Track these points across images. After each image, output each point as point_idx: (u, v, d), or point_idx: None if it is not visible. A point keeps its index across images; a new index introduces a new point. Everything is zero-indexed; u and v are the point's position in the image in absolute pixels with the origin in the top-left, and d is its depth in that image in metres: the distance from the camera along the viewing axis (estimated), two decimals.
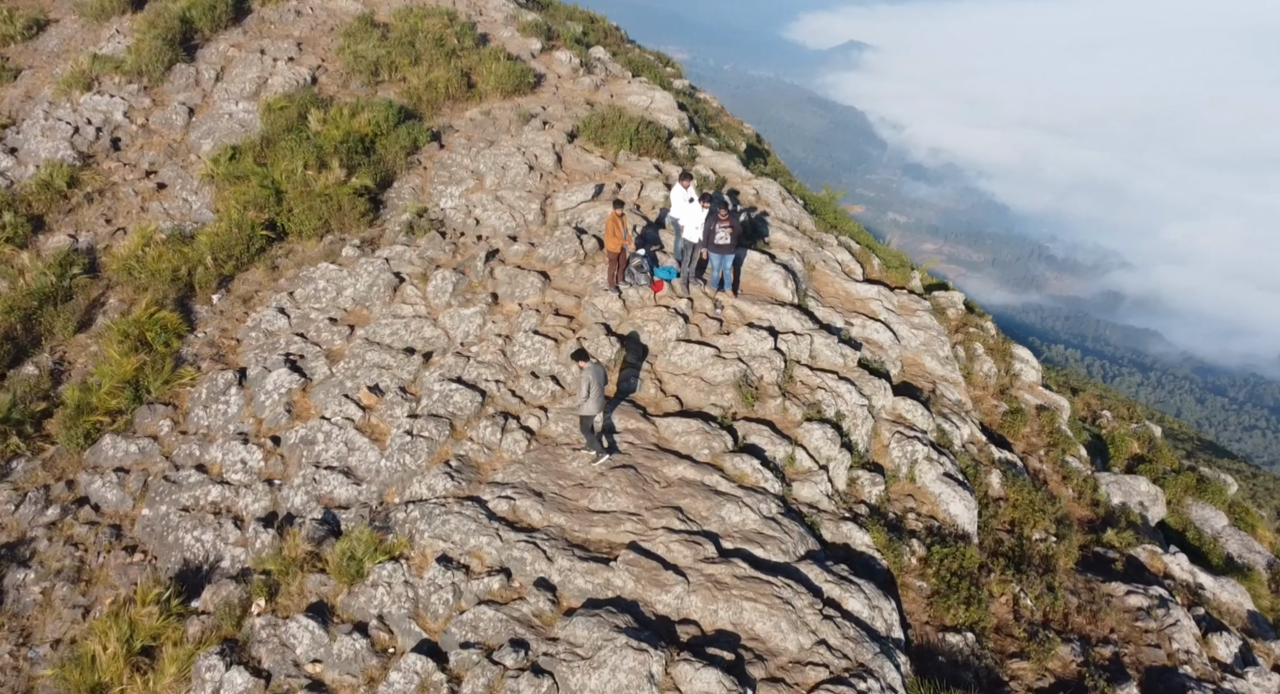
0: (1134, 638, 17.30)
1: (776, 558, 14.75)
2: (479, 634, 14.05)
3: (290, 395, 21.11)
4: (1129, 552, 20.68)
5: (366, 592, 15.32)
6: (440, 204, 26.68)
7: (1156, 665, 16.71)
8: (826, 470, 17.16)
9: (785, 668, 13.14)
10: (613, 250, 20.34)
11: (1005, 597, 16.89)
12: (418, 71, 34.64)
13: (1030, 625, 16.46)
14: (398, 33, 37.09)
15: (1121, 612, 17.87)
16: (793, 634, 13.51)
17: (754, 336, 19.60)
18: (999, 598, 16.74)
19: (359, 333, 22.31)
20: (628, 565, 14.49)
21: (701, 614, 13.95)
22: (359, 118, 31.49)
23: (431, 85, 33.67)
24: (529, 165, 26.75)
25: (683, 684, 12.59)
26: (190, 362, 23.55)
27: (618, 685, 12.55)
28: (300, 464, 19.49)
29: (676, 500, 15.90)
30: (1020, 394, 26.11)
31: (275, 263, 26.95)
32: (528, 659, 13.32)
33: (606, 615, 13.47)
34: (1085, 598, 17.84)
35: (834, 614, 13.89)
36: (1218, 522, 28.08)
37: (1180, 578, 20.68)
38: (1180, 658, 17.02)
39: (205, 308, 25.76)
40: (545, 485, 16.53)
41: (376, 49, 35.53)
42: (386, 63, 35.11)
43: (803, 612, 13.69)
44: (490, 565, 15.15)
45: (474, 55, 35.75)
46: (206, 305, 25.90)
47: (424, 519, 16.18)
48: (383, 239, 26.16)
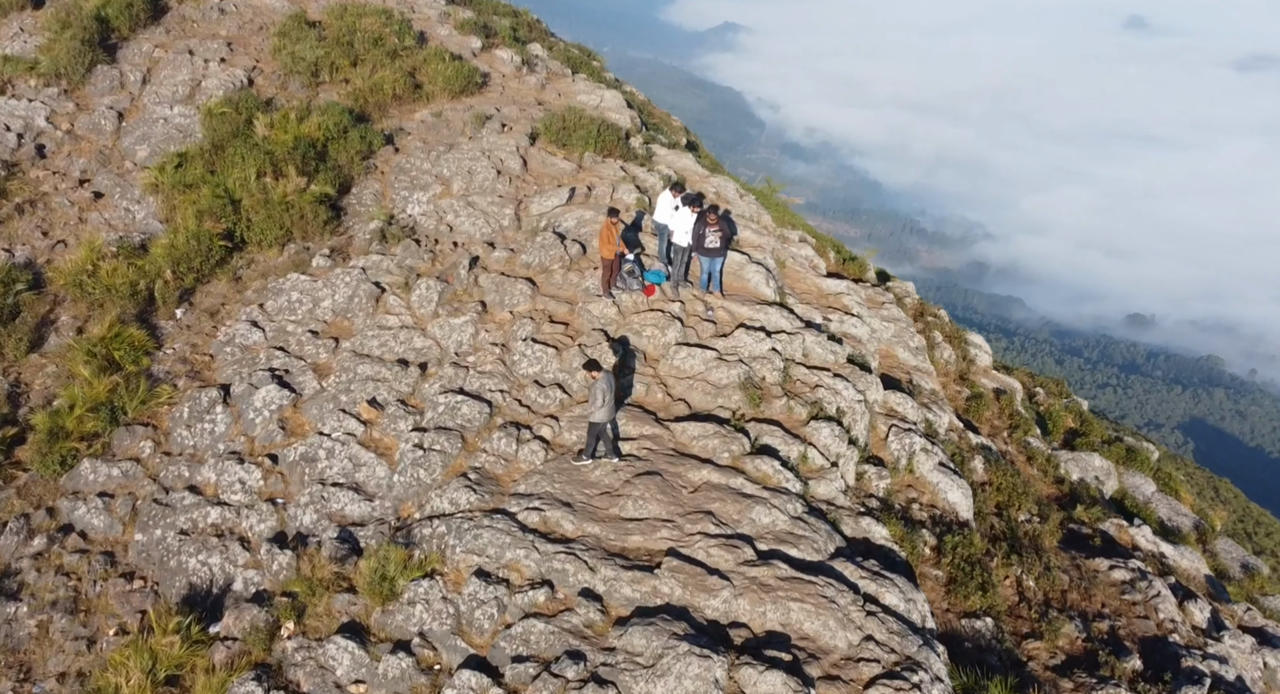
0: (1124, 611, 18.51)
1: (810, 557, 15.34)
2: (531, 647, 14.22)
3: (281, 412, 20.84)
4: (1099, 526, 22.00)
5: (404, 609, 15.37)
6: (407, 210, 26.49)
7: (1149, 636, 17.93)
8: (837, 467, 17.85)
9: (839, 665, 13.72)
10: (607, 257, 20.64)
11: (1009, 579, 17.88)
12: (361, 72, 34.13)
13: (1036, 606, 17.50)
14: (334, 32, 36.41)
15: (1109, 586, 19.07)
16: (841, 631, 14.07)
17: (752, 338, 20.15)
18: (1004, 581, 17.74)
19: (344, 346, 22.11)
20: (672, 572, 14.82)
21: (750, 617, 14.34)
22: (308, 122, 30.92)
23: (377, 87, 33.22)
24: (496, 169, 26.74)
25: (747, 688, 12.99)
26: (164, 380, 22.97)
27: (685, 692, 12.86)
28: (303, 482, 19.30)
29: (706, 505, 16.31)
30: (978, 378, 27.35)
31: (238, 274, 26.40)
32: (587, 670, 13.52)
33: (662, 623, 13.79)
34: (1075, 575, 18.98)
35: (875, 609, 14.53)
36: (1147, 488, 29.87)
37: (1146, 549, 22.09)
38: (1168, 627, 18.29)
39: (170, 323, 25.11)
40: (572, 495, 16.78)
41: (315, 49, 34.85)
42: (326, 63, 34.48)
43: (847, 609, 14.30)
44: (530, 578, 15.30)
45: (416, 55, 35.37)
46: (170, 320, 25.25)
47: (453, 534, 16.27)
48: (351, 247, 25.86)
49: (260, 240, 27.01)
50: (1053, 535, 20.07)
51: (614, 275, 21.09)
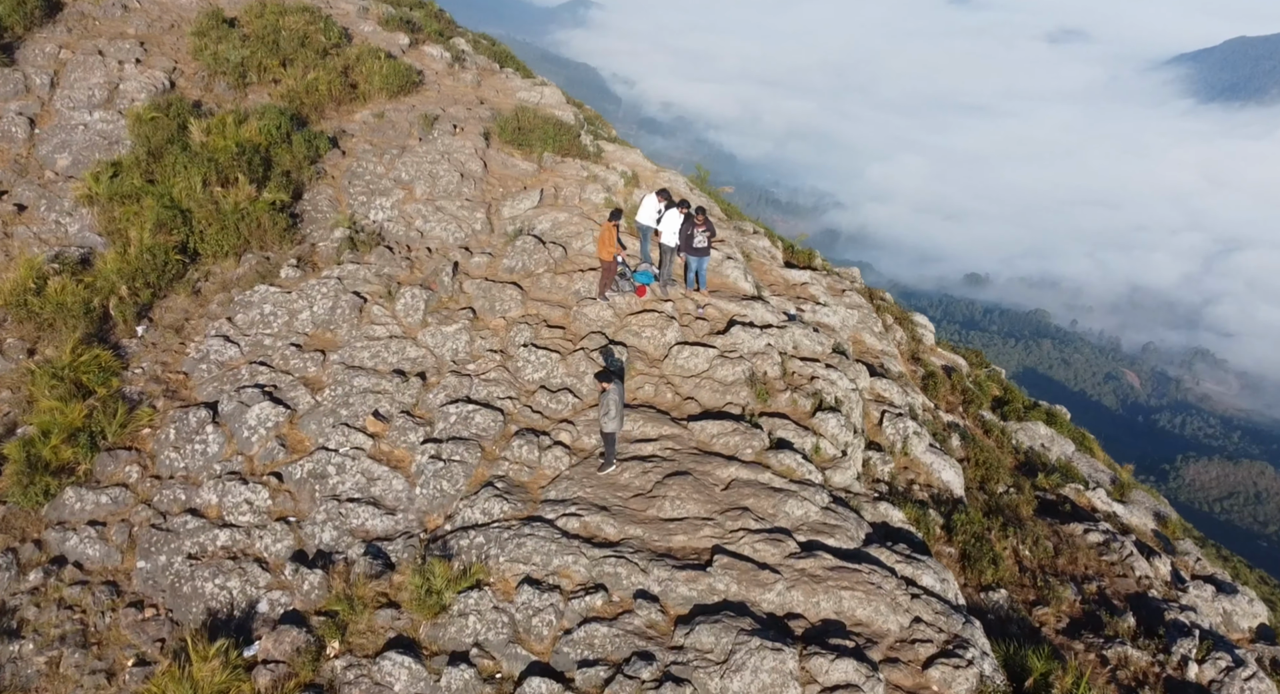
0: (1105, 571, 20.09)
1: (846, 545, 16.18)
2: (596, 651, 14.55)
3: (278, 429, 20.61)
4: (1060, 492, 23.69)
5: (455, 621, 15.60)
6: (371, 216, 26.25)
7: (1131, 593, 19.52)
8: (847, 455, 18.83)
9: (896, 647, 14.58)
10: (605, 259, 21.09)
11: (1008, 551, 19.22)
12: (292, 73, 33.37)
13: (1032, 574, 18.89)
14: (256, 31, 35.47)
15: (1087, 549, 20.64)
16: (892, 616, 14.89)
17: (749, 334, 20.89)
18: (1004, 553, 19.06)
19: (333, 358, 21.94)
20: (724, 569, 15.37)
21: (804, 607, 14.97)
22: (248, 126, 30.15)
23: (312, 88, 32.56)
24: (459, 173, 26.74)
25: (819, 676, 13.66)
26: (139, 401, 22.37)
27: (761, 685, 13.44)
28: (315, 499, 19.20)
29: (741, 501, 16.92)
30: (928, 357, 28.84)
31: (197, 287, 25.73)
32: (660, 670, 13.92)
33: (728, 619, 14.34)
34: (1057, 541, 20.49)
35: (917, 592, 15.44)
36: (1068, 447, 32.06)
37: (1103, 509, 23.88)
38: (1145, 583, 19.94)
39: (134, 341, 24.35)
40: (606, 499, 17.22)
41: (240, 49, 33.93)
42: (254, 64, 33.59)
43: (893, 593, 15.16)
44: (582, 583, 15.62)
45: (346, 54, 34.76)
46: (132, 339, 24.48)
47: (494, 544, 16.54)
48: (317, 256, 25.51)
49: (215, 251, 26.36)
50: (1029, 505, 21.58)
51: (611, 278, 21.55)
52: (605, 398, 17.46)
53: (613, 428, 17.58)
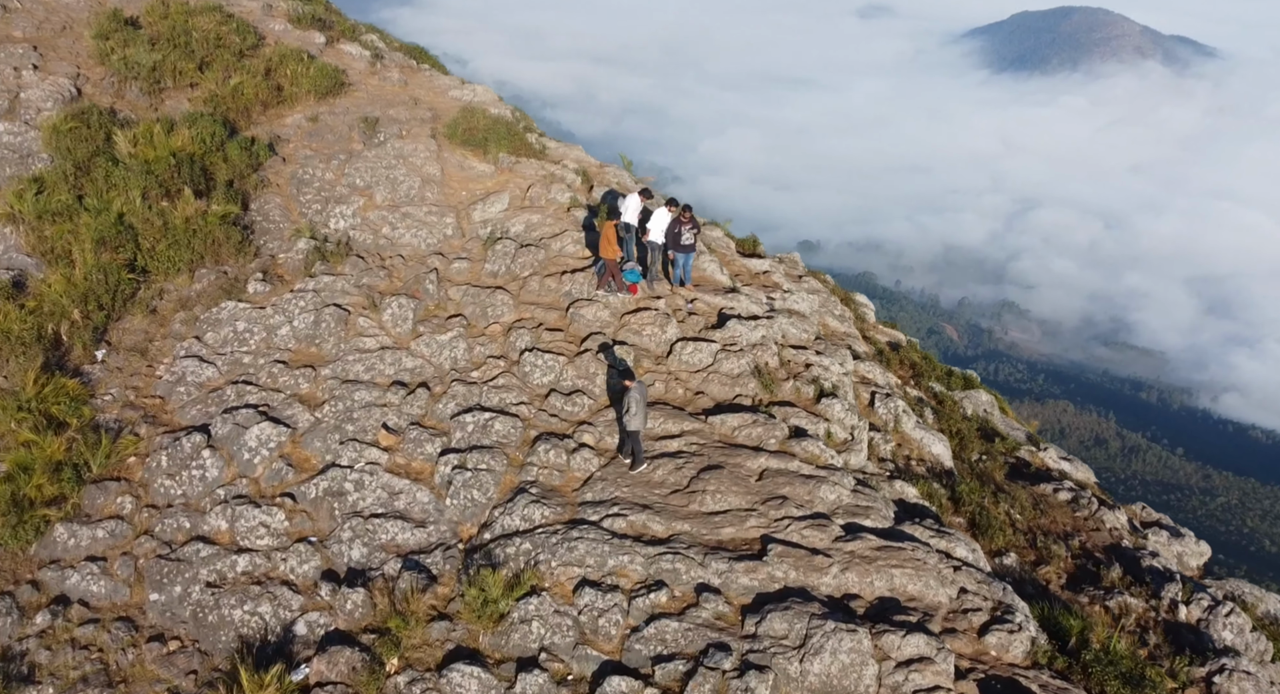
0: (1081, 526, 21.79)
1: (880, 524, 17.11)
2: (669, 646, 14.93)
3: (281, 448, 20.28)
4: (1017, 454, 25.46)
5: (518, 628, 15.84)
6: (331, 225, 25.78)
7: (1108, 545, 21.28)
8: (854, 438, 19.87)
9: (950, 618, 15.47)
10: (608, 257, 21.50)
11: (1002, 516, 20.66)
12: (211, 77, 32.22)
13: (1028, 535, 20.40)
14: (163, 32, 34.07)
15: (1060, 507, 22.34)
16: (941, 588, 15.75)
17: (745, 327, 21.58)
18: (1001, 518, 20.50)
19: (324, 373, 21.63)
20: (780, 557, 15.94)
21: (860, 587, 15.70)
22: (178, 135, 29.03)
23: (237, 92, 31.56)
24: (420, 177, 26.52)
25: (893, 652, 14.39)
26: (118, 429, 21.59)
27: (841, 666, 14.11)
28: (335, 517, 19.02)
29: (778, 490, 17.54)
30: (874, 335, 30.27)
31: (152, 307, 24.82)
32: (739, 659, 14.45)
33: (798, 605, 14.94)
34: (1035, 502, 22.12)
35: (956, 563, 16.53)
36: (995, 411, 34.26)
37: (1055, 468, 25.75)
38: (1116, 535, 21.71)
39: (95, 367, 23.36)
40: (645, 497, 17.65)
41: (151, 53, 32.62)
42: (169, 68, 32.36)
43: (937, 567, 16.07)
44: (641, 581, 15.93)
45: (265, 55, 33.76)
46: (93, 364, 23.51)
47: (543, 549, 16.81)
48: (279, 269, 24.93)
49: (167, 269, 25.43)
50: (1000, 470, 23.17)
51: (612, 275, 21.96)
52: (628, 396, 17.95)
53: (636, 426, 18.10)
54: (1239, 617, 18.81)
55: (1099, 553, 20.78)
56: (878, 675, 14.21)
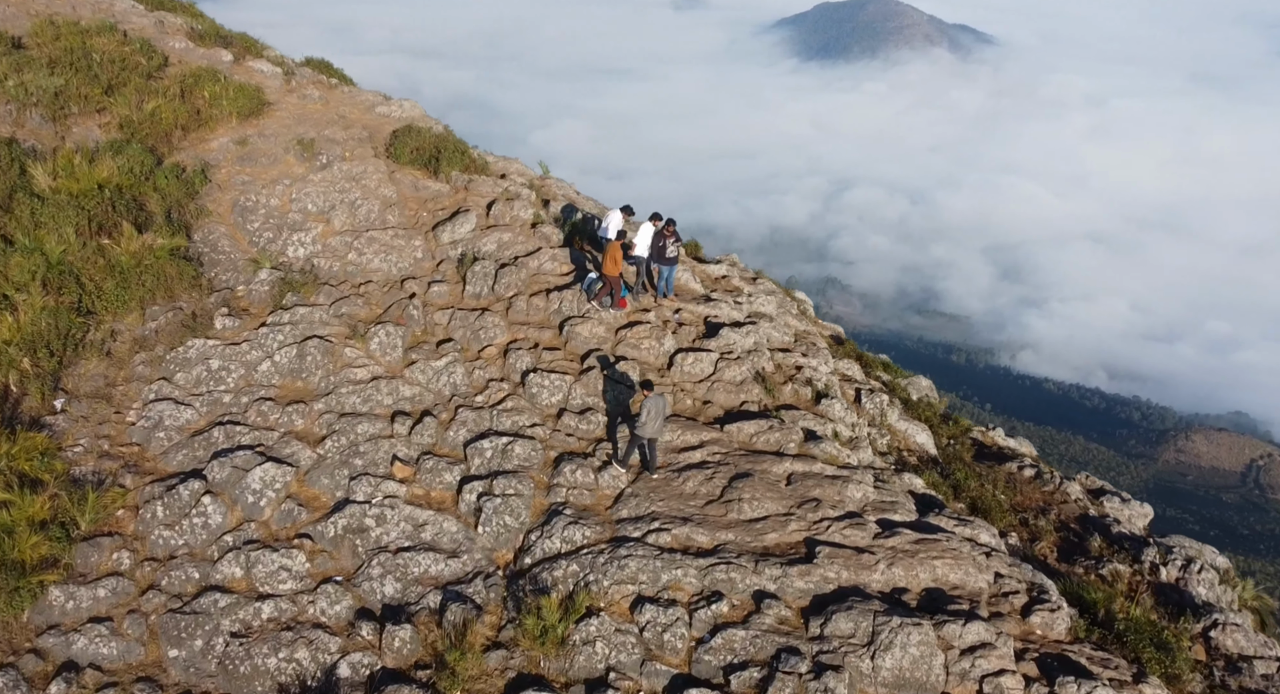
0: (1050, 500, 23.33)
1: (907, 518, 17.84)
2: (739, 654, 15.23)
3: (287, 488, 19.78)
4: (970, 435, 27.02)
5: (581, 650, 15.97)
6: (289, 253, 25.04)
7: (1078, 515, 22.91)
8: (858, 435, 20.78)
9: (994, 602, 16.21)
10: (611, 274, 21.72)
11: (990, 496, 21.95)
12: (122, 101, 30.72)
13: (1014, 513, 21.77)
14: (56, 55, 32.36)
15: (1028, 483, 23.91)
16: (979, 575, 16.53)
17: (738, 334, 22.09)
18: (993, 500, 21.81)
19: (317, 408, 21.12)
20: (829, 558, 16.42)
21: (907, 581, 16.35)
22: (103, 166, 27.63)
23: (154, 117, 30.22)
24: (379, 200, 26.03)
25: (955, 641, 15.07)
26: (101, 481, 20.59)
27: (912, 659, 14.73)
28: (358, 555, 18.67)
29: (808, 493, 18.00)
30: (820, 329, 31.43)
31: (106, 349, 23.67)
32: (811, 661, 14.91)
33: (859, 604, 15.49)
34: (1008, 482, 23.58)
35: (984, 549, 17.55)
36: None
37: (1004, 445, 27.44)
38: (1083, 506, 23.31)
39: (59, 418, 22.15)
40: (682, 510, 17.95)
41: (52, 77, 30.91)
42: (75, 93, 30.75)
43: (972, 555, 16.82)
44: (697, 593, 16.16)
45: (176, 76, 32.37)
46: (53, 415, 22.28)
47: (591, 570, 16.97)
48: (244, 302, 24.11)
49: (115, 308, 24.30)
50: (969, 453, 24.62)
51: (612, 290, 22.20)
52: (645, 404, 18.37)
53: (651, 433, 18.47)
54: (1209, 573, 20.67)
55: (1074, 524, 22.40)
56: (945, 665, 15.10)
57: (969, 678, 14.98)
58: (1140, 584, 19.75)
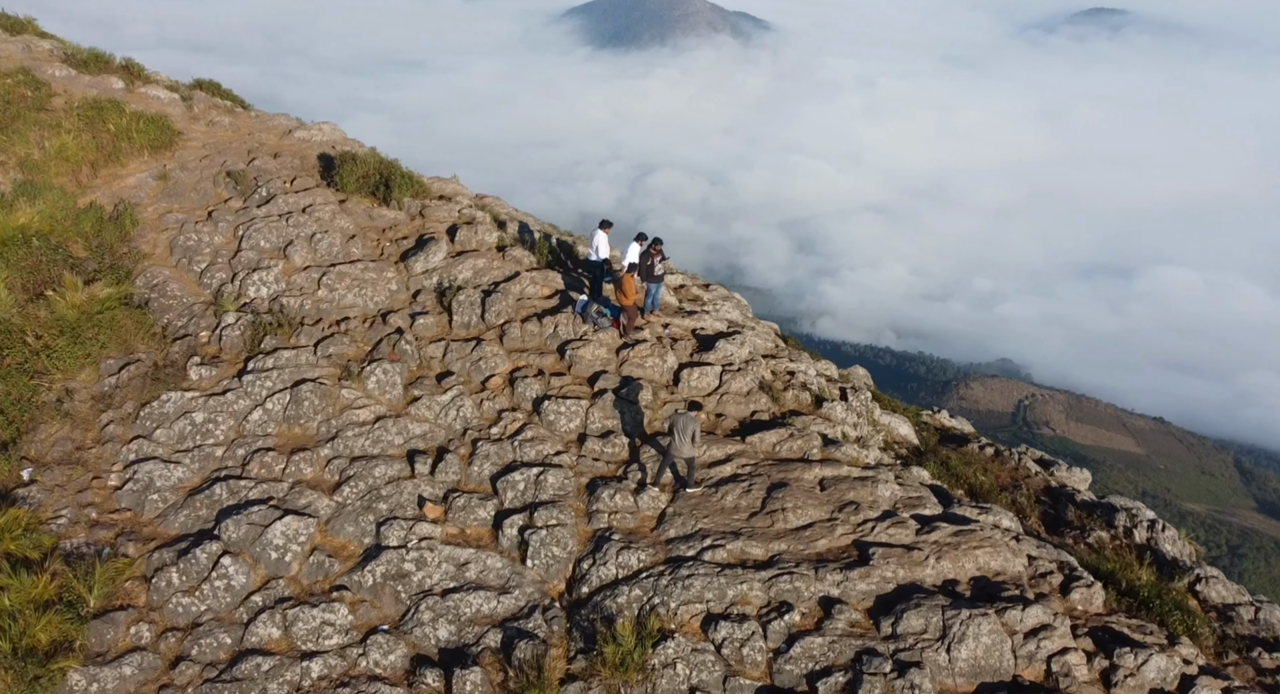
0: (1017, 476, 24.95)
1: (936, 510, 18.57)
2: (819, 660, 15.72)
3: (311, 541, 19.18)
4: (922, 419, 28.63)
5: (663, 674, 16.11)
6: (251, 293, 24.01)
7: (1043, 487, 24.67)
8: (863, 434, 21.76)
9: (1034, 583, 17.14)
10: (627, 303, 21.85)
11: (975, 479, 23.42)
12: (19, 139, 28.62)
13: (997, 492, 23.28)
14: None
15: (991, 461, 25.53)
16: (1015, 559, 17.47)
17: (733, 345, 22.57)
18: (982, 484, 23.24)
19: (323, 453, 20.47)
20: (884, 558, 17.06)
21: (955, 572, 17.13)
22: (19, 212, 25.76)
23: (61, 154, 28.32)
24: (341, 233, 25.24)
25: (1018, 626, 15.96)
26: (100, 553, 19.42)
27: (984, 648, 15.55)
28: (401, 601, 18.28)
29: (844, 496, 18.51)
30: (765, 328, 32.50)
31: (66, 411, 22.19)
32: (892, 659, 15.56)
33: (926, 600, 16.21)
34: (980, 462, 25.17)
35: (1011, 534, 18.81)
36: None
37: (950, 425, 29.20)
38: (1045, 478, 25.17)
39: (32, 490, 20.67)
40: (729, 524, 18.31)
41: None
42: None
43: (1006, 542, 17.70)
44: (764, 605, 16.54)
45: (71, 108, 30.33)
46: (24, 486, 20.80)
47: (655, 593, 17.11)
48: (213, 349, 23.01)
49: (68, 366, 22.82)
50: (934, 438, 26.16)
51: (629, 320, 22.32)
52: (674, 423, 18.84)
53: (687, 453, 19.03)
54: (1170, 531, 22.82)
55: (1044, 496, 24.25)
56: (1012, 649, 16.27)
57: (1036, 659, 16.15)
58: (1122, 548, 21.64)
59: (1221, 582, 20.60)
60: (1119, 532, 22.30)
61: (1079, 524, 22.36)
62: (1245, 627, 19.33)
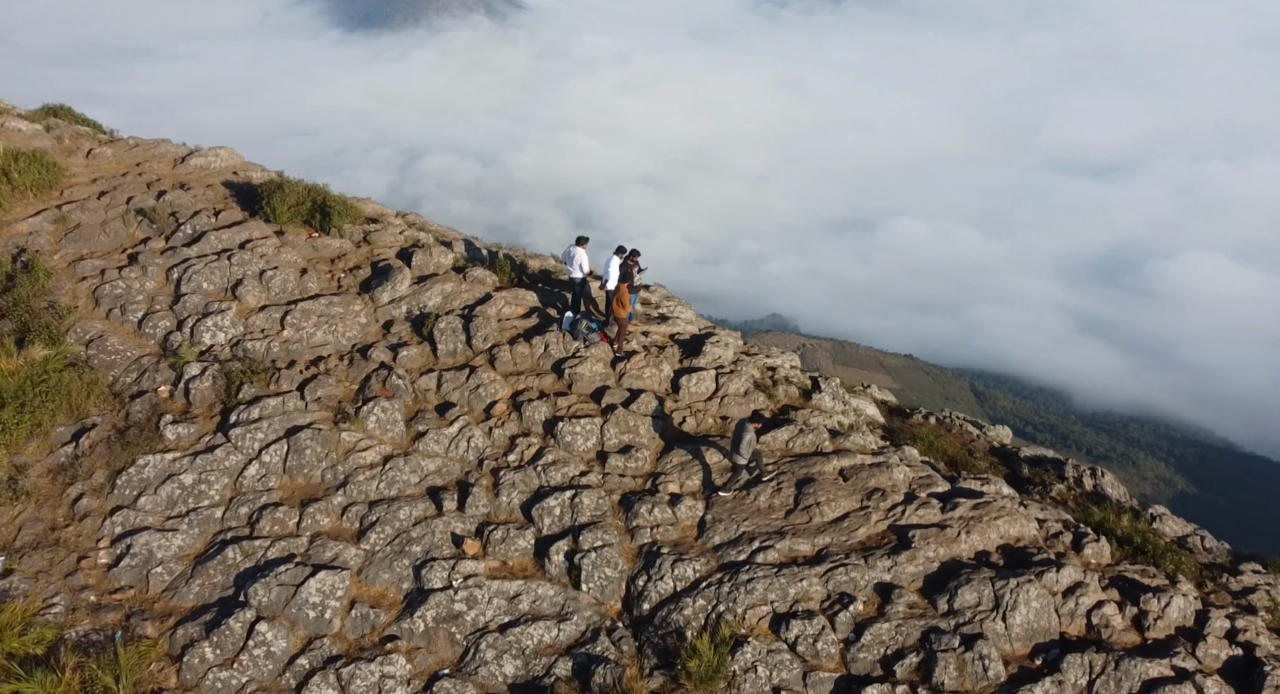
0: (963, 441, 26.60)
1: (945, 488, 19.72)
2: (890, 645, 16.54)
3: (348, 594, 18.47)
4: None
5: (746, 679, 16.31)
6: (206, 340, 22.52)
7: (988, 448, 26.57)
8: (851, 421, 22.79)
9: (1050, 544, 18.62)
10: (621, 317, 21.84)
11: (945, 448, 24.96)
12: None
13: (968, 460, 24.94)
14: None
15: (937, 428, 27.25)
16: (1028, 524, 18.81)
17: (720, 349, 22.85)
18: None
19: (337, 502, 19.61)
20: (923, 539, 17.95)
21: (984, 543, 18.27)
22: None
23: None
24: (292, 267, 23.98)
25: (1055, 587, 17.26)
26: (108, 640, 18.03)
27: (1034, 611, 16.79)
28: (456, 642, 17.86)
29: (866, 484, 19.28)
30: None
31: (24, 489, 20.31)
32: (956, 634, 16.59)
33: (974, 574, 17.30)
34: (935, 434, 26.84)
35: (1018, 501, 20.32)
36: None
37: (881, 399, 30.88)
38: (988, 439, 26.93)
39: (11, 580, 18.85)
40: (771, 524, 18.73)
41: None
42: None
43: (1016, 509, 19.08)
44: (825, 598, 17.19)
45: None
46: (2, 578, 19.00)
47: (720, 602, 17.37)
48: (173, 404, 21.48)
49: (12, 440, 20.89)
50: (883, 414, 27.70)
51: (624, 332, 22.31)
52: (738, 434, 19.62)
53: (744, 460, 19.71)
54: (1109, 476, 25.26)
55: (994, 457, 26.25)
56: (1055, 608, 17.81)
57: (1077, 616, 17.67)
58: (1080, 498, 23.79)
59: (1170, 517, 23.01)
60: (1071, 482, 24.47)
61: (1038, 480, 24.37)
62: (1203, 555, 21.70)
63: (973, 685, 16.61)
